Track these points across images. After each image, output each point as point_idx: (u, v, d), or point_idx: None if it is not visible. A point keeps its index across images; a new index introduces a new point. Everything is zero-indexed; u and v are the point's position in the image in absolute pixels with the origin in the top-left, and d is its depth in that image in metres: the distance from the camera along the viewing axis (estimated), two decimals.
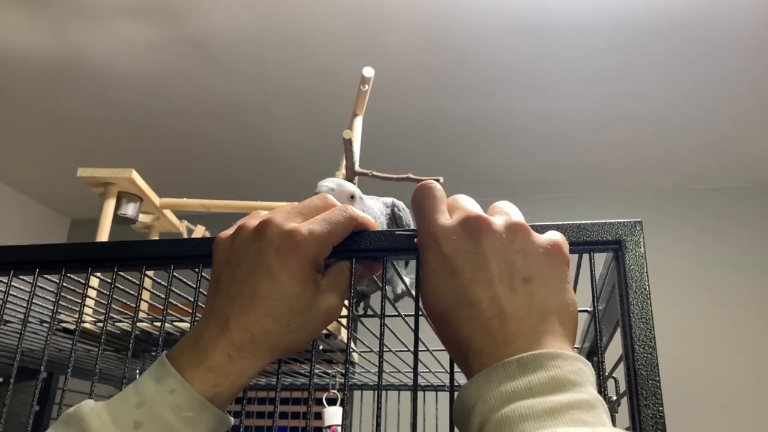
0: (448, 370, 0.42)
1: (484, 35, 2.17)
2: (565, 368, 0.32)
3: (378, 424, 0.43)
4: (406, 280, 0.59)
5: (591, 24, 2.09)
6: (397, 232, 0.47)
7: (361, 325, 0.81)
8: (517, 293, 0.35)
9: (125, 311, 0.87)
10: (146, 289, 0.96)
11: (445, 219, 0.39)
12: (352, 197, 0.63)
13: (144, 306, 0.98)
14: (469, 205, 0.40)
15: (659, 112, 2.57)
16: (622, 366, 0.42)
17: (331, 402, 1.12)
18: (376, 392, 0.44)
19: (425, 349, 0.91)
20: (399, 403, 1.32)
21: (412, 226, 0.60)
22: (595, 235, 0.43)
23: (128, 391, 0.39)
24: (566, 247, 0.39)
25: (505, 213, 0.39)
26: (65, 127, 2.88)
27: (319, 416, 1.10)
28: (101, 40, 2.25)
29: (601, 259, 0.49)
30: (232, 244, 0.43)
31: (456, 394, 0.35)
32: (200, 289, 0.51)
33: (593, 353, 0.71)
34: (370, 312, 0.75)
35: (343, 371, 1.24)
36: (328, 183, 0.61)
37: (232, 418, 0.42)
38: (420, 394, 1.37)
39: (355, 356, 1.03)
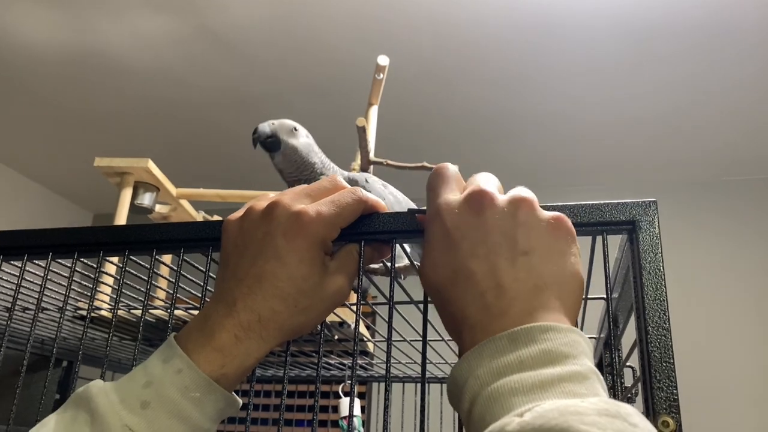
0: None
1: (500, 27, 2.15)
2: (557, 341, 0.31)
3: (386, 419, 0.43)
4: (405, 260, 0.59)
5: (605, 16, 2.06)
6: (408, 210, 0.46)
7: (380, 317, 0.81)
8: (516, 267, 0.34)
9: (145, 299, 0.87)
10: (164, 278, 0.97)
11: (452, 195, 0.38)
12: (295, 128, 0.71)
13: (162, 294, 0.98)
14: (482, 181, 0.39)
15: (682, 107, 2.53)
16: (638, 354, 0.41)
17: (348, 393, 1.12)
18: (390, 383, 0.44)
19: (441, 338, 0.90)
20: (429, 395, 1.30)
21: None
22: (608, 215, 0.42)
23: (136, 372, 0.39)
24: (569, 221, 0.37)
25: (514, 190, 0.38)
26: (86, 121, 2.92)
27: (326, 410, 1.10)
28: (120, 34, 2.28)
29: (615, 244, 0.48)
30: (240, 226, 0.43)
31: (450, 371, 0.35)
32: (210, 273, 0.51)
33: (609, 342, 0.70)
34: (379, 300, 0.75)
35: (362, 363, 1.24)
36: (268, 122, 0.70)
37: (240, 400, 0.42)
38: (437, 386, 1.36)
39: (371, 346, 1.02)
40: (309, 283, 0.41)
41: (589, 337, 0.81)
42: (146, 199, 0.97)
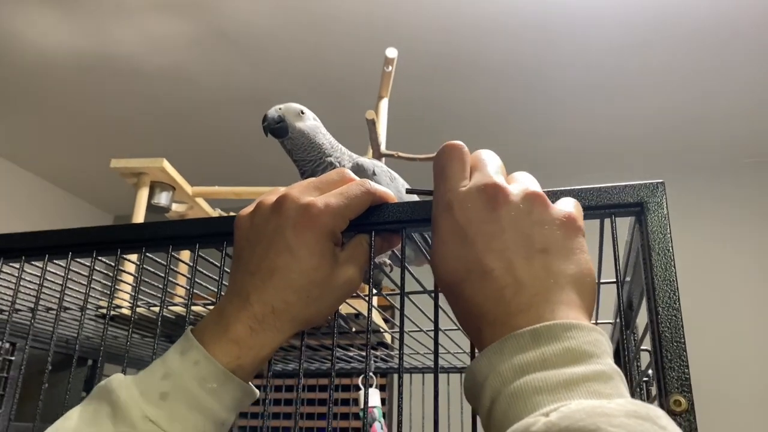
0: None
1: (508, 20, 2.14)
2: (580, 339, 0.31)
3: (399, 408, 0.43)
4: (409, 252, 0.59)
5: (618, 5, 2.04)
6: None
7: (397, 309, 0.81)
8: (532, 263, 0.34)
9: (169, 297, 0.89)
10: (182, 275, 0.98)
11: (462, 184, 0.38)
12: (302, 111, 0.72)
13: (181, 291, 1.00)
14: (490, 167, 0.38)
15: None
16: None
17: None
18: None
19: (457, 327, 0.91)
20: (449, 386, 1.30)
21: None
22: (616, 197, 0.42)
23: (155, 365, 0.40)
24: (581, 218, 0.38)
25: (523, 183, 0.38)
26: (103, 124, 2.96)
27: (347, 402, 1.11)
28: (132, 37, 2.30)
29: (624, 227, 0.48)
30: (251, 221, 0.44)
31: (467, 367, 0.34)
32: (225, 268, 0.52)
33: (626, 327, 0.70)
34: (392, 290, 0.75)
35: (381, 355, 1.25)
36: (275, 107, 0.71)
37: (257, 390, 0.42)
38: (457, 376, 1.37)
39: (389, 337, 1.03)
40: (320, 274, 0.41)
41: (606, 323, 0.81)
42: (163, 198, 0.99)
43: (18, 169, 3.43)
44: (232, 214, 1.13)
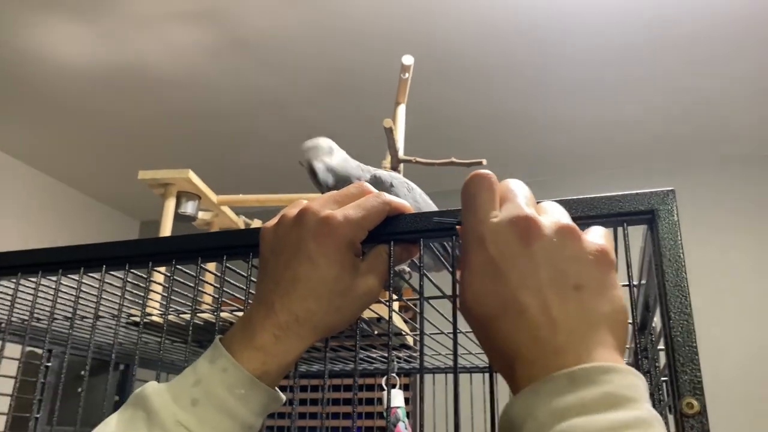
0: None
1: (520, 22, 2.14)
2: (618, 383, 0.30)
3: (421, 409, 0.45)
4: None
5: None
6: (434, 219, 0.48)
7: (419, 312, 0.83)
8: (567, 301, 0.33)
9: (198, 305, 0.92)
10: (209, 284, 1.01)
11: (494, 217, 0.37)
12: (331, 148, 0.70)
13: (209, 299, 1.03)
14: (520, 198, 0.37)
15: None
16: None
17: (392, 385, 1.15)
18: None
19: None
20: (471, 385, 1.31)
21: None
22: (627, 206, 0.43)
23: (186, 372, 0.42)
24: (613, 250, 0.37)
25: (554, 215, 0.37)
26: (129, 133, 3.03)
27: (371, 402, 1.13)
28: (154, 48, 2.35)
29: (639, 233, 0.49)
30: (275, 233, 0.46)
31: (502, 409, 0.33)
32: (252, 278, 0.54)
33: (643, 328, 0.71)
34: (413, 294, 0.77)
35: (404, 356, 1.26)
36: (307, 142, 0.71)
37: (283, 396, 0.45)
38: (479, 376, 1.37)
39: (410, 339, 1.05)
40: (340, 283, 0.43)
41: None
42: (189, 207, 1.02)
43: (47, 178, 3.52)
44: (256, 221, 1.16)
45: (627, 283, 0.44)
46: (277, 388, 0.44)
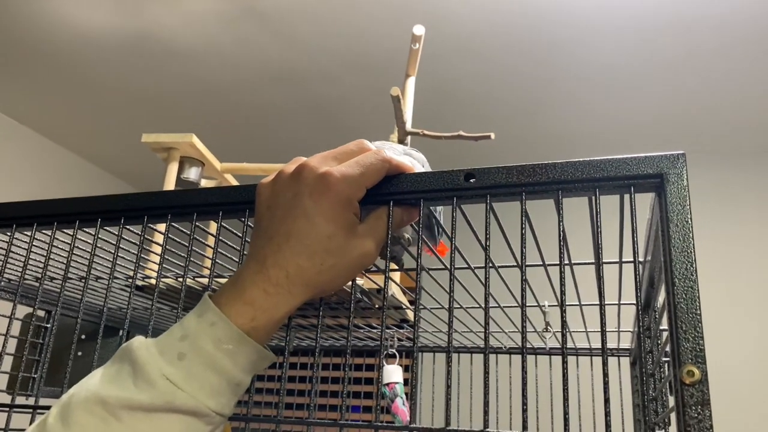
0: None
1: None
2: None
3: (413, 385, 0.44)
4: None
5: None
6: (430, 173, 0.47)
7: (424, 288, 0.81)
8: None
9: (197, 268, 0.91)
10: (211, 247, 1.00)
11: None
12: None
13: (209, 264, 1.02)
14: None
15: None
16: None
17: (391, 361, 1.14)
18: (418, 351, 0.45)
19: (479, 306, 0.91)
20: (472, 365, 1.31)
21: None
22: (635, 169, 0.41)
23: (174, 327, 0.41)
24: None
25: None
26: (137, 102, 3.02)
27: (370, 382, 1.12)
28: (167, 16, 2.33)
29: (644, 210, 0.47)
30: (272, 188, 0.45)
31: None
32: (246, 237, 0.53)
33: (647, 306, 0.69)
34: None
35: (407, 333, 1.26)
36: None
37: (273, 354, 0.44)
38: (479, 355, 1.37)
39: (411, 314, 1.04)
40: (334, 241, 0.42)
41: (629, 303, 0.80)
42: (192, 173, 1.01)
43: (52, 144, 3.52)
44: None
45: (633, 255, 0.42)
46: (266, 347, 0.43)
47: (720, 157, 3.07)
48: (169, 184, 0.96)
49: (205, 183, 1.11)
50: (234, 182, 1.15)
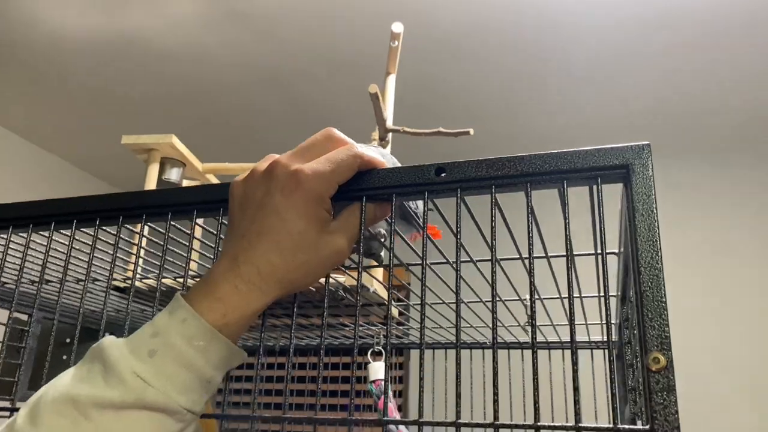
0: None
1: None
2: None
3: (386, 383, 0.44)
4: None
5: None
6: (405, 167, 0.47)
7: (413, 282, 0.82)
8: None
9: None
10: (195, 250, 1.00)
11: None
12: None
13: (194, 266, 1.02)
14: None
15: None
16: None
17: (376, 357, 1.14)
18: (389, 348, 0.45)
19: (479, 300, 0.91)
20: (472, 362, 1.31)
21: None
22: (601, 160, 0.42)
23: (145, 326, 0.41)
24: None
25: None
26: (120, 104, 3.00)
27: (359, 379, 1.12)
28: (149, 18, 2.32)
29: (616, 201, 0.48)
30: (244, 187, 0.45)
31: None
32: (221, 235, 0.53)
33: (624, 297, 0.70)
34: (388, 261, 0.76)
35: (394, 331, 1.26)
36: None
37: (244, 352, 0.44)
38: (478, 352, 1.37)
39: (395, 312, 1.04)
40: (306, 238, 0.42)
41: (613, 296, 0.81)
42: (173, 174, 1.01)
43: (34, 148, 3.49)
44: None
45: (600, 247, 0.43)
46: (238, 344, 0.43)
47: (701, 150, 3.10)
48: (150, 186, 0.96)
49: (186, 183, 1.10)
50: (216, 182, 1.15)
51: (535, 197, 0.44)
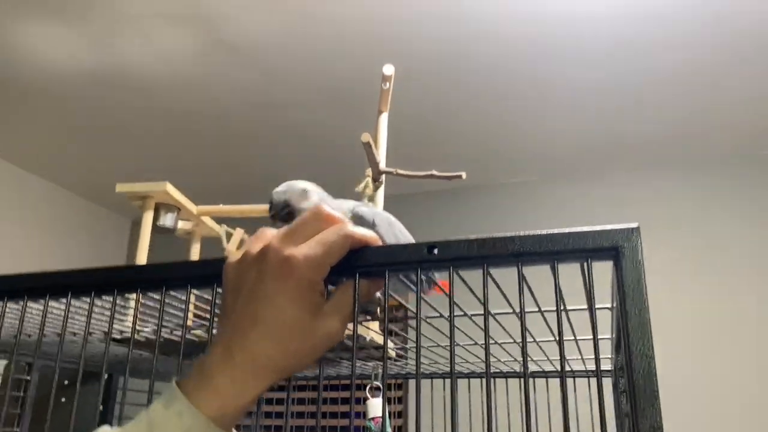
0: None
1: (508, 22, 2.12)
2: None
3: (384, 415, 0.44)
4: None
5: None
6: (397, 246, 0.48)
7: (411, 319, 0.82)
8: None
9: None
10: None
11: None
12: (305, 191, 0.68)
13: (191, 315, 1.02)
14: None
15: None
16: None
17: (374, 394, 1.14)
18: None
19: (474, 342, 0.92)
20: (470, 392, 1.32)
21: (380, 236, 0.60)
22: (591, 242, 0.42)
23: (140, 417, 0.41)
24: None
25: None
26: (117, 135, 3.02)
27: (357, 415, 1.12)
28: (140, 50, 2.33)
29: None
30: (237, 270, 0.45)
31: None
32: (215, 310, 0.53)
33: (619, 344, 0.70)
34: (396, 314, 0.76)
35: (394, 363, 1.26)
36: (279, 188, 0.68)
37: None
38: (477, 381, 1.37)
39: (392, 353, 1.04)
40: (299, 325, 0.42)
41: (605, 358, 0.81)
42: (168, 219, 1.01)
43: (39, 180, 3.51)
44: (238, 230, 1.15)
45: (590, 317, 0.43)
46: (234, 429, 0.43)
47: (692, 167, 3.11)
48: (145, 232, 0.96)
49: (182, 225, 1.11)
50: (211, 222, 1.15)
51: None
